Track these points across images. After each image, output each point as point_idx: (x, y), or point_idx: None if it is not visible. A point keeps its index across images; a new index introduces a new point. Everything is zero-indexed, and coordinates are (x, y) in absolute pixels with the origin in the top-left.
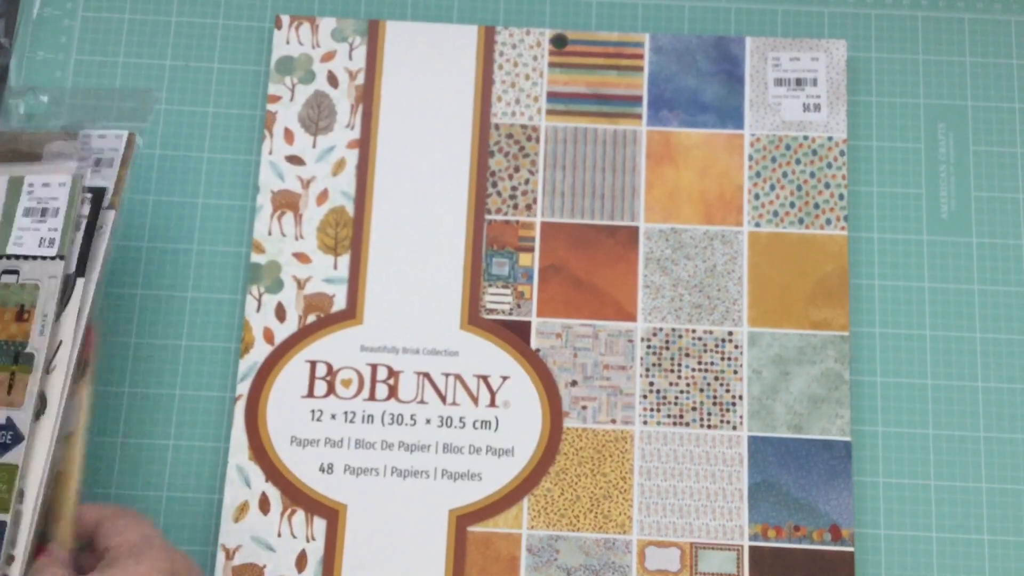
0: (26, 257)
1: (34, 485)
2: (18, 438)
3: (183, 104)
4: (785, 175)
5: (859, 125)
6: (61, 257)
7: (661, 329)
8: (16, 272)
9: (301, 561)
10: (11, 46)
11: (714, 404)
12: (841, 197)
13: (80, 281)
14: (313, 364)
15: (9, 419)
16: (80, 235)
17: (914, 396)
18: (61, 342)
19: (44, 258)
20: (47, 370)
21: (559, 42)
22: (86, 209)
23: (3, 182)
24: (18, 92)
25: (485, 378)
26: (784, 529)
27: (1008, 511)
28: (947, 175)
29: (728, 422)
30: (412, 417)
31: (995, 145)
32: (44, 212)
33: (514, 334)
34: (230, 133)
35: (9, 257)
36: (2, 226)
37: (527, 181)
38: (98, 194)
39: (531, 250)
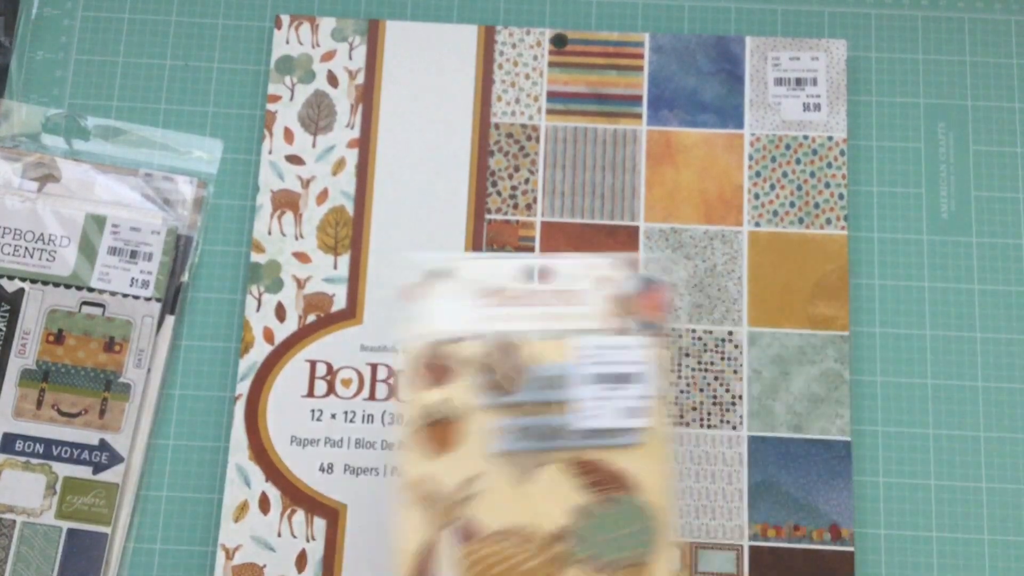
0: (112, 293)
1: (129, 502)
2: (115, 459)
3: (183, 104)
4: (785, 175)
5: (859, 125)
6: (158, 300)
7: None
8: (101, 305)
9: (301, 561)
10: (11, 46)
11: (714, 404)
12: (841, 197)
13: (169, 318)
14: (313, 364)
15: (103, 441)
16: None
17: (914, 396)
18: (150, 370)
19: (136, 297)
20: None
21: (559, 42)
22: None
23: (77, 216)
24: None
25: None
26: (784, 529)
27: (1008, 511)
28: (947, 175)
29: (728, 422)
30: None
31: (995, 145)
32: (134, 254)
33: None
34: (230, 133)
35: (92, 290)
36: (81, 260)
37: (527, 181)
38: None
39: (531, 250)
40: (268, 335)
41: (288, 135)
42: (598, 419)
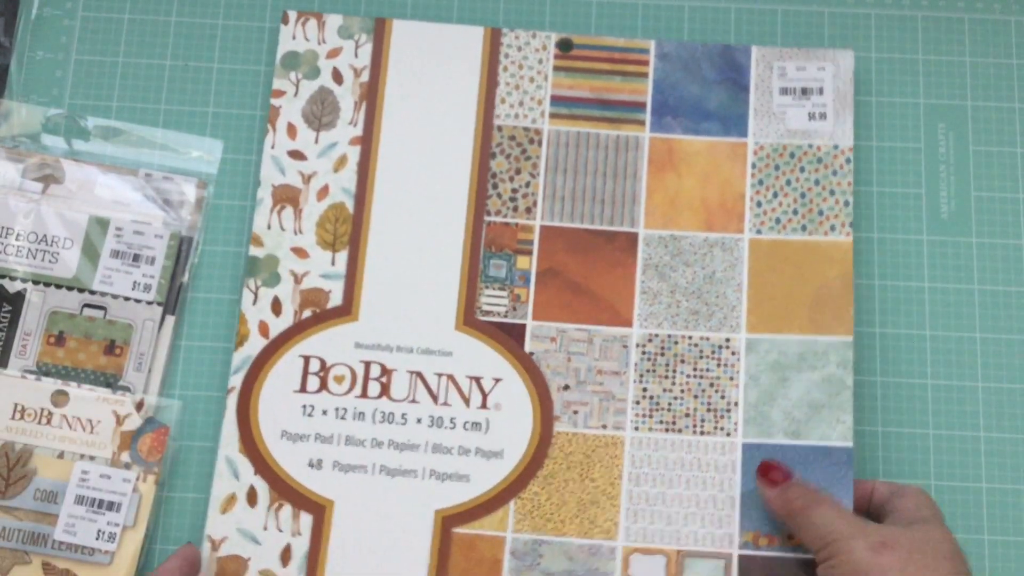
0: (115, 296)
1: None
2: None
3: (183, 104)
4: (788, 182)
5: (860, 125)
6: (160, 304)
7: (656, 335)
8: (103, 308)
9: (286, 555)
10: (11, 46)
11: (708, 410)
12: (847, 204)
13: (169, 319)
14: (307, 359)
15: None
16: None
17: (914, 396)
18: (151, 372)
19: (138, 301)
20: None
21: (565, 46)
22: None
23: (80, 218)
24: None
25: (478, 379)
26: (778, 538)
27: (1008, 511)
28: (947, 175)
29: (722, 428)
30: (403, 416)
31: (995, 145)
32: (136, 258)
33: (509, 336)
34: (230, 133)
35: (93, 292)
36: (84, 262)
37: (528, 184)
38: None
39: (529, 253)
40: (263, 329)
41: (291, 130)
42: (75, 536)
